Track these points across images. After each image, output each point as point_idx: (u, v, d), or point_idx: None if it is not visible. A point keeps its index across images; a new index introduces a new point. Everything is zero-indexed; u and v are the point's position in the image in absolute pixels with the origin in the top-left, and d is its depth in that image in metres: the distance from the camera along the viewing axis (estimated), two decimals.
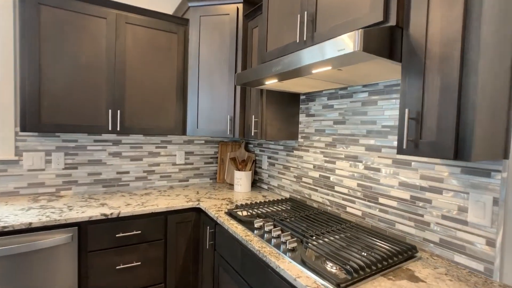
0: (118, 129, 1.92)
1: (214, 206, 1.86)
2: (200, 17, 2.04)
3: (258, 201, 1.99)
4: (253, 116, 1.89)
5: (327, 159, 1.76)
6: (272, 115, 1.87)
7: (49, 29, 1.72)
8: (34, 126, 1.71)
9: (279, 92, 1.88)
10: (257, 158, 2.50)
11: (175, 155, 2.47)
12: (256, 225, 1.45)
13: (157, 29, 2.03)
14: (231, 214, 1.67)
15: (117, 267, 1.69)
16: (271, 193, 2.26)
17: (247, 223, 1.52)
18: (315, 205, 1.86)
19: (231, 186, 2.50)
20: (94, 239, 1.63)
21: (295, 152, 2.03)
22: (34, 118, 1.71)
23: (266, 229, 1.41)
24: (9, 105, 1.90)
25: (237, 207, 1.77)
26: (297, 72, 1.25)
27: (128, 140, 2.27)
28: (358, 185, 1.56)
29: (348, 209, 1.62)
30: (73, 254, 1.58)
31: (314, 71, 1.20)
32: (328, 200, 1.76)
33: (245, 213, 1.69)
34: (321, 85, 1.56)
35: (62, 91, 1.76)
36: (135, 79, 1.97)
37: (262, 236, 1.35)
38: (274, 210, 1.73)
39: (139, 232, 1.75)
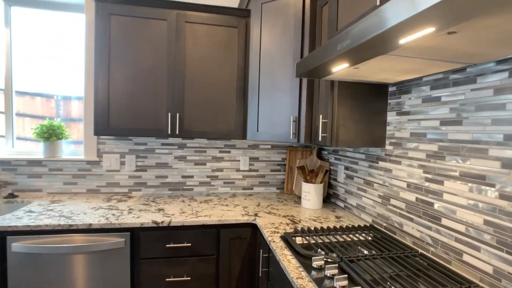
0: (177, 132, 1.84)
1: (271, 225, 1.55)
2: (262, 4, 1.77)
3: (327, 226, 1.57)
4: (321, 116, 1.49)
5: (430, 176, 1.21)
6: (346, 114, 1.43)
7: (117, 37, 1.77)
8: (103, 130, 1.78)
9: (356, 83, 1.43)
10: (331, 168, 2.05)
11: (239, 161, 2.27)
12: (314, 264, 1.07)
13: (216, 24, 1.86)
14: (287, 240, 1.33)
15: (167, 279, 1.58)
16: (348, 214, 1.79)
17: (304, 258, 1.15)
18: (408, 240, 1.32)
19: (299, 199, 2.13)
20: (146, 247, 1.56)
21: (381, 164, 1.52)
22: (104, 122, 1.77)
23: (328, 273, 1.01)
24: (93, 113, 2.06)
25: (296, 231, 1.41)
26: (374, 46, 0.81)
27: (192, 143, 2.20)
28: (487, 222, 0.98)
29: (466, 258, 1.05)
30: (126, 259, 1.54)
31: (403, 40, 0.74)
32: (429, 237, 1.20)
33: (305, 241, 1.32)
34: (420, 67, 1.04)
35: (126, 95, 1.79)
36: (194, 81, 1.86)
37: (319, 284, 0.97)
38: (347, 241, 1.29)
39: (190, 244, 1.60)
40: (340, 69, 1.09)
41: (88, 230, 1.52)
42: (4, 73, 2.07)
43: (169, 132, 1.83)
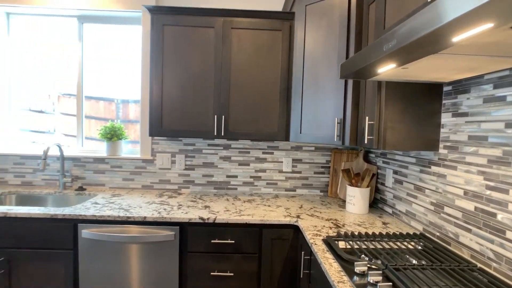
0: (222, 134, 1.93)
1: (314, 227, 1.54)
2: (306, 6, 1.77)
3: (372, 232, 1.52)
4: (367, 118, 1.44)
5: (492, 184, 1.10)
6: (395, 115, 1.36)
7: (169, 45, 1.91)
8: (157, 131, 1.94)
9: (405, 83, 1.35)
10: (379, 171, 1.96)
11: (282, 162, 2.29)
12: (357, 269, 1.05)
13: (261, 29, 1.91)
14: (329, 243, 1.31)
15: (211, 273, 1.67)
16: (396, 221, 1.70)
17: (347, 262, 1.13)
18: (465, 253, 1.21)
19: (343, 202, 2.07)
20: (193, 241, 1.67)
21: (434, 169, 1.42)
22: (157, 124, 1.93)
23: (371, 279, 0.98)
24: (148, 115, 2.26)
25: (339, 235, 1.38)
26: (423, 46, 0.77)
27: (236, 144, 2.27)
28: None
29: None
30: (175, 252, 1.67)
31: (456, 38, 0.70)
32: (491, 251, 1.09)
33: (348, 245, 1.29)
34: (479, 65, 0.95)
35: (177, 99, 1.92)
36: (239, 84, 1.93)
37: None
38: (393, 248, 1.24)
39: (233, 241, 1.66)
40: (386, 70, 1.05)
41: (143, 222, 1.67)
42: (77, 81, 2.38)
43: (215, 134, 1.92)
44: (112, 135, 2.24)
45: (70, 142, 2.43)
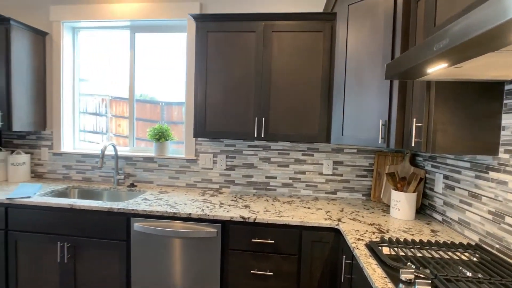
0: (262, 135, 1.97)
1: (356, 231, 1.50)
2: (348, 6, 1.74)
3: (419, 239, 1.44)
4: (415, 119, 1.37)
5: None
6: (446, 117, 1.28)
7: (212, 51, 2.00)
8: (201, 133, 2.04)
9: (458, 82, 1.26)
10: (427, 176, 1.85)
11: (322, 164, 2.26)
12: (403, 277, 1.01)
13: (301, 31, 1.91)
14: (372, 248, 1.28)
15: (251, 271, 1.71)
16: (446, 229, 1.59)
17: (391, 269, 1.09)
18: None
19: (387, 207, 1.99)
20: (234, 239, 1.73)
21: (492, 175, 1.30)
22: (201, 126, 2.04)
23: None
24: (193, 117, 2.39)
25: (383, 240, 1.33)
26: (480, 44, 0.73)
27: (276, 146, 2.30)
28: None
29: None
30: (217, 248, 1.74)
31: None
32: None
33: (393, 252, 1.24)
34: None
35: (219, 102, 2.01)
36: (279, 86, 1.95)
37: None
38: (444, 258, 1.16)
39: (273, 242, 1.69)
40: (437, 70, 1.00)
41: (188, 218, 1.77)
42: (128, 86, 2.59)
43: (255, 135, 1.97)
44: (160, 136, 2.40)
45: (120, 142, 2.65)
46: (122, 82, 2.65)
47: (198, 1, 2.34)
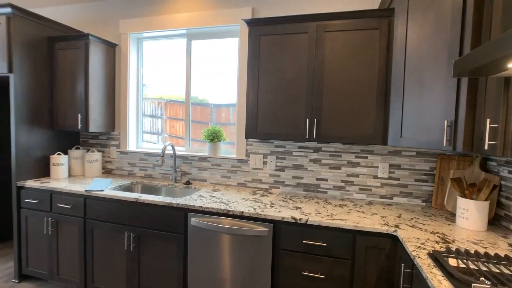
0: (314, 137, 1.95)
1: (416, 239, 1.41)
2: (408, 0, 1.64)
3: (494, 253, 1.30)
4: (489, 120, 1.24)
5: None
6: None
7: (264, 54, 2.05)
8: (252, 134, 2.10)
9: None
10: (503, 183, 1.65)
11: (377, 167, 2.16)
12: None
13: (355, 29, 1.86)
14: (436, 259, 1.19)
15: (302, 273, 1.71)
16: None
17: (461, 283, 1.01)
18: None
19: (452, 216, 1.82)
20: (285, 239, 1.74)
21: None
22: (253, 127, 2.10)
23: None
24: (244, 118, 2.47)
25: (449, 251, 1.23)
26: None
27: (327, 148, 2.26)
28: None
29: None
30: (268, 247, 1.77)
31: None
32: None
33: (461, 264, 1.14)
34: None
35: (271, 104, 2.05)
36: (332, 87, 1.92)
37: None
38: None
39: (325, 244, 1.67)
40: None
41: (240, 216, 1.83)
42: (185, 90, 2.78)
43: (306, 137, 1.97)
44: (214, 137, 2.53)
45: (173, 142, 2.85)
46: (176, 86, 2.85)
47: (250, 7, 2.42)
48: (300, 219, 1.70)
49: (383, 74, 1.83)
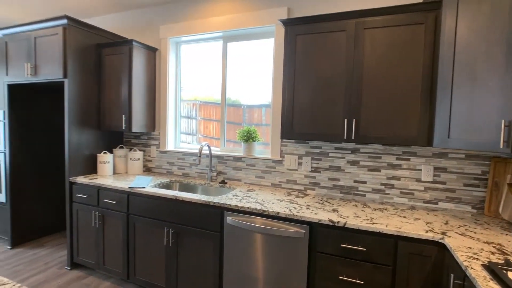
0: (352, 137, 1.89)
1: (467, 249, 1.31)
2: None
3: None
4: None
5: None
6: None
7: (300, 54, 2.03)
8: (288, 134, 2.09)
9: None
10: None
11: (420, 170, 2.04)
12: None
13: (397, 25, 1.77)
14: (493, 271, 1.09)
15: (339, 277, 1.66)
16: None
17: None
18: None
19: (509, 225, 1.66)
20: (322, 241, 1.71)
21: None
22: (288, 128, 2.09)
23: None
24: (279, 119, 2.47)
25: (509, 263, 1.12)
26: None
27: (366, 149, 2.18)
28: None
29: None
30: (304, 249, 1.75)
31: None
32: None
33: None
34: None
35: (307, 104, 2.02)
36: (371, 86, 1.85)
37: None
38: None
39: (364, 249, 1.61)
40: None
41: (276, 217, 1.83)
42: (221, 92, 2.84)
43: (344, 137, 1.91)
44: (248, 137, 2.55)
45: (207, 142, 2.92)
46: (210, 88, 2.93)
47: (286, 6, 2.41)
48: (338, 222, 1.66)
49: (428, 71, 1.72)
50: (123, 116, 2.75)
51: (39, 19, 3.54)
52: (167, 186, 2.70)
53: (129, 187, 2.33)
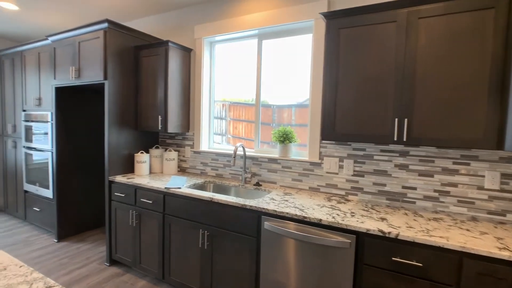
0: (404, 139, 1.71)
1: None
2: None
3: None
4: None
5: None
6: None
7: (343, 49, 1.88)
8: (329, 135, 1.95)
9: None
10: None
11: (483, 176, 1.79)
12: None
13: (459, 12, 1.56)
14: None
15: None
16: None
17: None
18: None
19: None
20: (370, 253, 1.56)
21: None
22: (330, 128, 1.95)
23: None
24: (318, 119, 2.33)
25: None
26: None
27: (417, 152, 1.97)
28: None
29: None
30: (349, 260, 1.61)
31: None
32: None
33: None
34: None
35: (351, 102, 1.87)
36: (426, 82, 1.65)
37: None
38: None
39: (420, 265, 1.43)
40: None
41: (318, 224, 1.71)
42: (255, 91, 2.75)
43: (394, 139, 1.73)
44: (285, 138, 2.44)
45: (236, 142, 2.85)
46: (239, 88, 2.87)
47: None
48: (389, 232, 1.49)
49: (498, 62, 1.50)
50: (159, 116, 2.77)
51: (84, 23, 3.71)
52: (202, 187, 2.67)
53: (165, 187, 2.33)
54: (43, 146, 3.41)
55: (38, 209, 3.58)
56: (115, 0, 2.99)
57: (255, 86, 2.76)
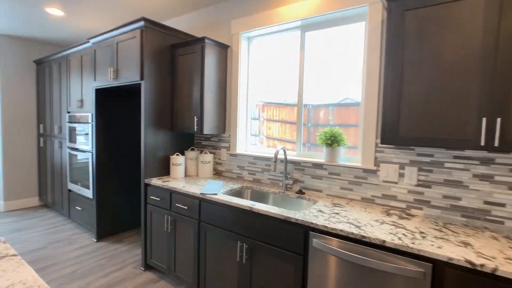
0: (495, 144, 1.35)
1: None
2: None
3: None
4: None
5: None
6: None
7: (410, 34, 1.56)
8: (391, 139, 1.64)
9: None
10: None
11: None
12: None
13: None
14: None
15: None
16: None
17: None
18: None
19: None
20: None
21: None
22: (393, 130, 1.63)
23: None
24: (373, 119, 2.01)
25: None
26: None
27: (504, 159, 1.59)
28: None
29: None
30: None
31: None
32: None
33: None
34: None
35: (420, 100, 1.54)
36: None
37: None
38: None
39: None
40: None
41: (380, 246, 1.41)
42: (297, 90, 2.50)
43: (481, 143, 1.38)
44: (333, 141, 2.16)
45: (269, 144, 2.60)
46: (271, 87, 2.63)
47: None
48: (481, 265, 1.16)
49: None
50: (195, 117, 2.63)
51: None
52: (239, 193, 2.48)
53: (201, 193, 2.17)
54: (84, 146, 3.46)
55: (80, 208, 3.66)
56: (152, 0, 2.92)
57: (296, 84, 2.51)
